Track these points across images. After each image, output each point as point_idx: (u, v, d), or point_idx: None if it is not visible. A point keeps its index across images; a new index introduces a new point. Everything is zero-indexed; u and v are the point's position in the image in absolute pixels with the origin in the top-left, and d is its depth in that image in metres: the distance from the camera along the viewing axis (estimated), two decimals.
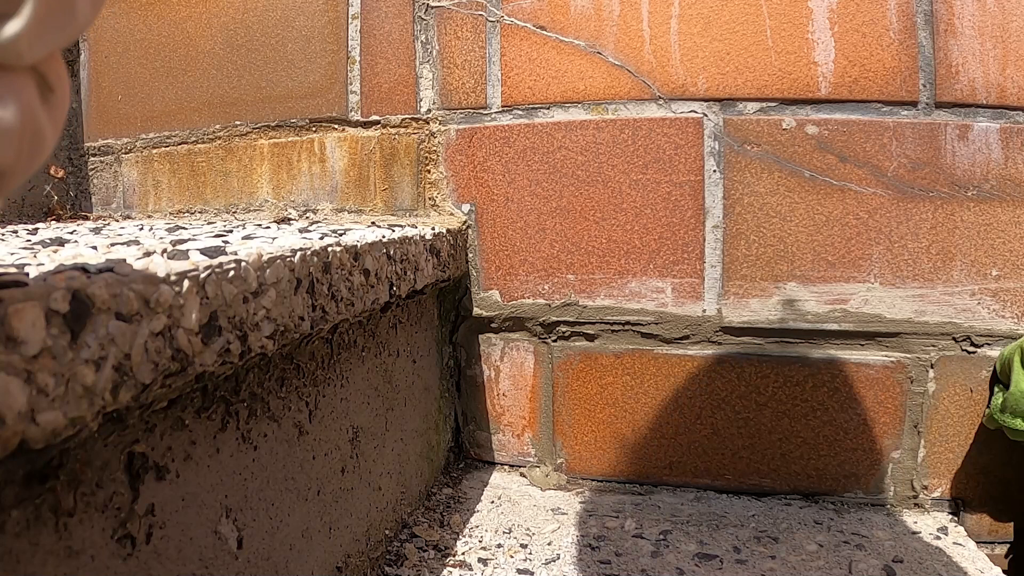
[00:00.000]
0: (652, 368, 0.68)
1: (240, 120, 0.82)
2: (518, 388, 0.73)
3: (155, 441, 0.30)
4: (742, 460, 0.67)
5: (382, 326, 0.56)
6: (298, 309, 0.37)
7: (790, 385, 0.65)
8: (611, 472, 0.70)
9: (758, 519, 0.62)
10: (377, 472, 0.55)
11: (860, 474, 0.65)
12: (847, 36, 0.63)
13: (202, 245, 0.37)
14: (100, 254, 0.33)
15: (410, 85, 0.74)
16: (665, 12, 0.66)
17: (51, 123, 0.20)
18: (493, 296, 0.72)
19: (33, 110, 0.19)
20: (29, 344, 0.20)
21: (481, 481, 0.72)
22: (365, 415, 0.52)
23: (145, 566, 0.29)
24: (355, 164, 0.77)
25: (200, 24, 0.83)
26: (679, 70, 0.66)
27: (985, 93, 0.62)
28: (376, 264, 0.47)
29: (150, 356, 0.25)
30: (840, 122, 0.63)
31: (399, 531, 0.59)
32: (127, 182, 0.90)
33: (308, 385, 0.44)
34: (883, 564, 0.54)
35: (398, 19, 0.74)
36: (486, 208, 0.71)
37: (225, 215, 0.84)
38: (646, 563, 0.55)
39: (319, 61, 0.78)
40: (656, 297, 0.68)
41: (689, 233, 0.66)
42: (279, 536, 0.40)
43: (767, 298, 0.65)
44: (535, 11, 0.69)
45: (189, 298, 0.28)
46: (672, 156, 0.66)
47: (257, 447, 0.38)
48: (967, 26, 0.62)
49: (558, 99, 0.69)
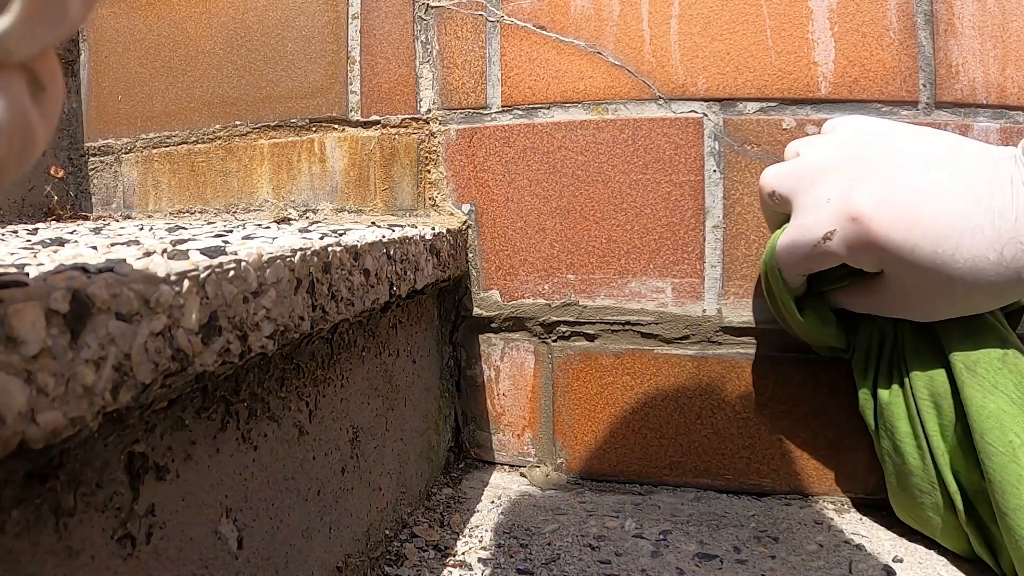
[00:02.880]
0: (652, 368, 0.68)
1: (240, 120, 0.82)
2: (518, 388, 0.73)
3: (155, 441, 0.30)
4: (742, 460, 0.67)
5: (382, 326, 0.56)
6: (298, 309, 0.37)
7: (790, 385, 0.65)
8: (611, 472, 0.70)
9: (758, 519, 0.62)
10: (377, 472, 0.55)
11: (860, 474, 0.65)
12: (847, 36, 0.63)
13: (202, 245, 0.37)
14: (100, 254, 0.33)
15: (410, 85, 0.74)
16: (665, 12, 0.66)
17: (43, 121, 0.20)
18: (493, 296, 0.72)
19: (23, 108, 0.19)
20: (29, 344, 0.20)
21: (481, 481, 0.72)
22: (365, 415, 0.53)
23: (145, 566, 0.29)
24: (355, 164, 0.77)
25: (200, 24, 0.83)
26: (679, 70, 0.66)
27: (985, 93, 0.62)
28: (376, 264, 0.47)
29: (150, 356, 0.25)
30: None
31: (399, 531, 0.59)
32: (127, 182, 0.90)
33: (308, 385, 0.44)
34: (883, 564, 0.54)
35: (398, 19, 0.74)
36: (486, 208, 0.71)
37: (225, 215, 0.84)
38: (646, 563, 0.55)
39: (319, 61, 0.78)
40: (656, 297, 0.68)
41: (689, 233, 0.66)
42: (279, 536, 0.40)
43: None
44: (535, 11, 0.69)
45: (189, 298, 0.28)
46: (672, 156, 0.66)
47: (257, 447, 0.38)
48: (967, 26, 0.62)
49: (558, 99, 0.69)
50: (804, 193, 0.53)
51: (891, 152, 0.50)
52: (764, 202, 0.58)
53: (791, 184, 0.55)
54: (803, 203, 0.53)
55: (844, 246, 0.51)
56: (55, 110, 0.21)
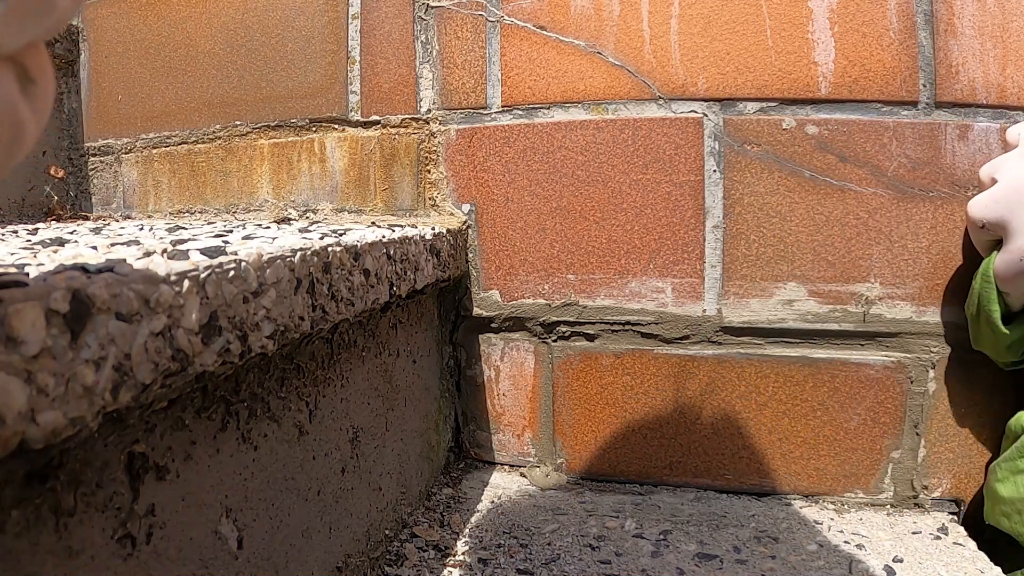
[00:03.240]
0: (652, 368, 0.68)
1: (240, 120, 0.82)
2: (518, 388, 0.73)
3: (155, 441, 0.30)
4: (742, 460, 0.67)
5: (382, 326, 0.56)
6: (298, 309, 0.37)
7: (790, 385, 0.65)
8: (611, 472, 0.70)
9: (758, 519, 0.62)
10: (377, 472, 0.55)
11: (860, 474, 0.65)
12: (847, 36, 0.63)
13: (202, 245, 0.37)
14: (100, 254, 0.33)
15: (410, 85, 0.74)
16: (665, 12, 0.66)
17: (33, 115, 0.20)
18: (493, 296, 0.72)
19: (12, 101, 0.19)
20: (29, 344, 0.20)
21: (481, 481, 0.72)
22: (365, 415, 0.52)
23: (145, 566, 0.29)
24: (355, 164, 0.77)
25: (200, 24, 0.83)
26: (679, 70, 0.66)
27: (985, 93, 0.62)
28: (376, 264, 0.47)
29: (150, 356, 0.25)
30: (840, 122, 0.63)
31: (399, 531, 0.59)
32: (127, 182, 0.90)
33: (308, 385, 0.44)
34: (883, 564, 0.54)
35: (398, 19, 0.74)
36: (486, 208, 0.71)
37: (225, 215, 0.84)
38: (646, 563, 0.55)
39: (319, 61, 0.78)
40: (656, 297, 0.68)
41: (689, 233, 0.66)
42: (279, 536, 0.40)
43: (767, 298, 0.65)
44: (535, 11, 0.69)
45: (189, 298, 0.28)
46: (672, 156, 0.66)
47: (257, 447, 0.38)
48: (967, 26, 0.62)
49: (558, 99, 0.69)
50: (1015, 217, 0.55)
51: None
52: (974, 231, 0.59)
53: (1000, 212, 0.56)
54: (1016, 227, 0.55)
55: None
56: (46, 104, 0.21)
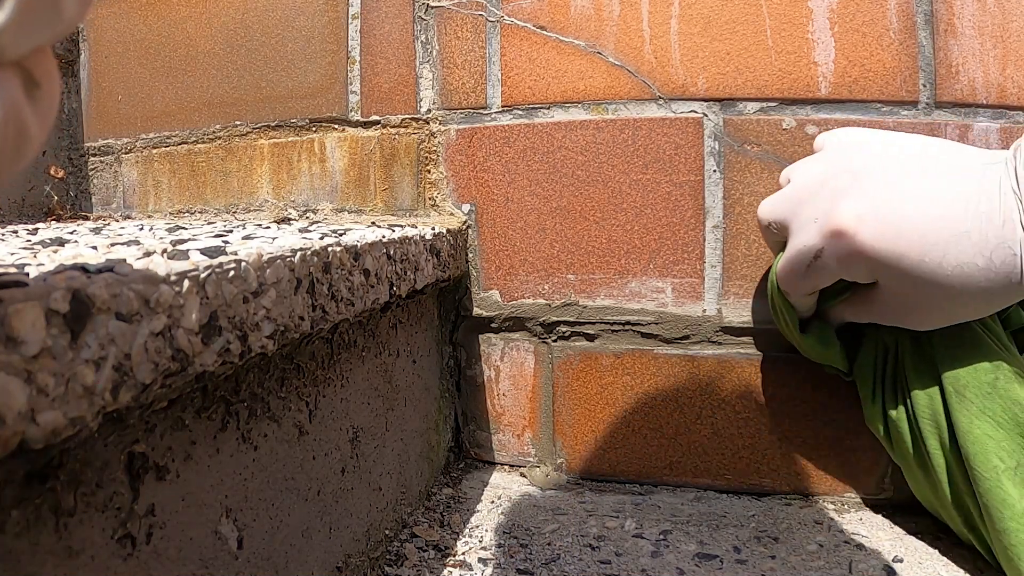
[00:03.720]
0: (652, 368, 0.68)
1: (240, 120, 0.82)
2: (518, 388, 0.73)
3: (155, 441, 0.30)
4: (742, 460, 0.67)
5: (382, 326, 0.56)
6: (298, 309, 0.37)
7: (790, 385, 0.65)
8: (611, 472, 0.70)
9: (758, 519, 0.62)
10: (377, 472, 0.55)
11: (860, 474, 0.65)
12: (847, 36, 0.63)
13: (202, 245, 0.37)
14: (100, 254, 0.33)
15: (410, 85, 0.74)
16: (665, 12, 0.66)
17: (38, 120, 0.20)
18: (493, 296, 0.72)
19: (17, 106, 0.19)
20: (29, 344, 0.20)
21: (481, 481, 0.72)
22: (365, 415, 0.53)
23: (145, 566, 0.29)
24: (355, 164, 0.77)
25: (200, 24, 0.83)
26: (679, 70, 0.66)
27: (985, 93, 0.62)
28: (376, 264, 0.47)
29: (150, 356, 0.25)
30: (840, 122, 0.63)
31: (399, 531, 0.59)
32: (127, 182, 0.90)
33: (308, 385, 0.44)
34: (883, 564, 0.54)
35: (398, 19, 0.74)
36: (486, 208, 0.71)
37: (225, 215, 0.84)
38: (646, 563, 0.55)
39: (319, 61, 0.78)
40: (656, 297, 0.68)
41: (689, 233, 0.66)
42: (279, 536, 0.40)
43: (767, 298, 0.65)
44: (535, 11, 0.69)
45: (189, 298, 0.28)
46: (672, 156, 0.66)
47: (257, 447, 0.38)
48: (967, 26, 0.62)
49: (558, 99, 0.69)
50: (796, 217, 0.54)
51: (875, 163, 0.50)
52: (764, 233, 0.59)
53: (784, 211, 0.56)
54: (796, 227, 0.54)
55: (835, 261, 0.51)
56: (51, 109, 0.21)
